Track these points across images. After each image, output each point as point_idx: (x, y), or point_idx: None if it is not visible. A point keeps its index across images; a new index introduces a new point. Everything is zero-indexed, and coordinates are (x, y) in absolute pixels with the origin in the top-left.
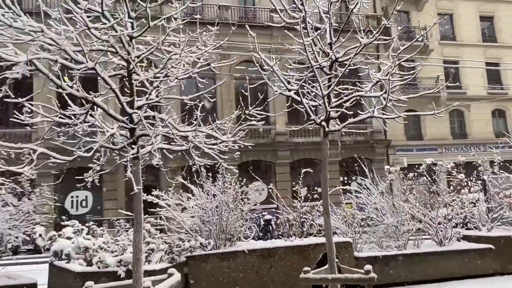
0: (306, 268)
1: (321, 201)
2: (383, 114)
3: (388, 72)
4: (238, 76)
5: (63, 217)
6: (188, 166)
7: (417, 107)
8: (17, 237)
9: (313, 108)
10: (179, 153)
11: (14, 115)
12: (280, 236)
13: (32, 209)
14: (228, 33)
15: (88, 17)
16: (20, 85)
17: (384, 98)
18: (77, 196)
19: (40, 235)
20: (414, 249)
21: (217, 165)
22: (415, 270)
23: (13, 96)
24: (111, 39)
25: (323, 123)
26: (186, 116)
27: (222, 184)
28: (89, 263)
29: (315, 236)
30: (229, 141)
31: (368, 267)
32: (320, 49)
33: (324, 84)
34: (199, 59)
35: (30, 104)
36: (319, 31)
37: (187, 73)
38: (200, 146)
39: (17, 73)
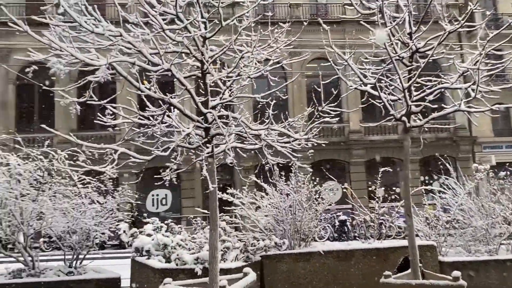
0: (387, 273)
1: (400, 201)
2: (471, 107)
3: (477, 61)
4: (310, 74)
5: (144, 214)
6: (261, 165)
7: (504, 100)
8: (103, 233)
9: (391, 103)
10: (252, 152)
11: (98, 118)
12: (356, 238)
13: (115, 207)
14: (299, 30)
15: (163, 19)
16: (105, 90)
17: (473, 90)
18: (157, 195)
19: (124, 231)
20: (508, 255)
21: (290, 164)
22: (509, 278)
23: (96, 99)
24: (185, 40)
25: (404, 118)
26: (259, 115)
27: (295, 183)
28: (168, 260)
29: (394, 238)
30: (302, 139)
31: (457, 273)
32: (398, 39)
33: (404, 77)
34: (270, 56)
35: (112, 106)
36: (397, 20)
37: (259, 72)
38: (273, 144)
39: (99, 76)
